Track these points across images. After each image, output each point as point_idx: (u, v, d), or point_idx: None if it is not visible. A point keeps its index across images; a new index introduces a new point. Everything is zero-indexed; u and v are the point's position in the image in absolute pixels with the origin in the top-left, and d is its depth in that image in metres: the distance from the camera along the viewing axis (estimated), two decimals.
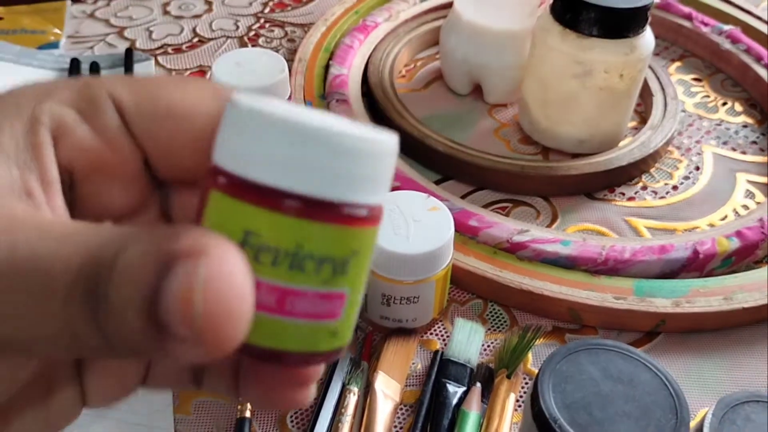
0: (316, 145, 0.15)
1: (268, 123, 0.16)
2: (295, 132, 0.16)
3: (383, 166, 0.17)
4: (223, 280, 0.14)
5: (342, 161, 0.16)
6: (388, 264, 0.38)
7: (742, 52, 0.62)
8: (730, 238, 0.45)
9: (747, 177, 0.54)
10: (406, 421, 0.38)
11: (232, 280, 0.14)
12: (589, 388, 0.30)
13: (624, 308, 0.42)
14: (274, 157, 0.16)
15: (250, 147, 0.16)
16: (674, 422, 0.28)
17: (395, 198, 0.40)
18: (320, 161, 0.16)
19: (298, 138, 0.16)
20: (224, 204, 0.16)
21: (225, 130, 0.17)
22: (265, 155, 0.16)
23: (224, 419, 0.38)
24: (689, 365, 0.41)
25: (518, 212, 0.50)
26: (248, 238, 0.16)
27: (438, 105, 0.59)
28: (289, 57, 0.63)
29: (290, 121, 0.16)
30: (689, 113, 0.60)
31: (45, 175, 0.18)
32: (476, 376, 0.39)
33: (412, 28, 0.64)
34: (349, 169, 0.16)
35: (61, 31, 0.66)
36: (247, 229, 0.16)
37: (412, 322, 0.41)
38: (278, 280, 0.16)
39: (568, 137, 0.53)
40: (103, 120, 0.19)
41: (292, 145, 0.15)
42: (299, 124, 0.15)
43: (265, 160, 0.16)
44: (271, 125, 0.16)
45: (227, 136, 0.17)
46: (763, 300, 0.42)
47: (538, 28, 0.51)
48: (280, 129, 0.16)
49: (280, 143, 0.16)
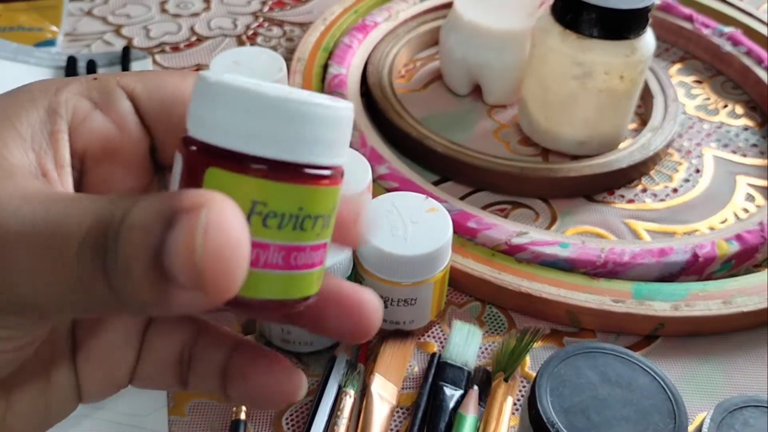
0: (305, 117, 0.17)
1: (250, 97, 0.17)
2: (286, 107, 0.17)
3: (347, 131, 0.19)
4: (221, 228, 0.15)
5: (330, 130, 0.18)
6: (386, 266, 0.38)
7: (743, 54, 0.62)
8: (729, 242, 0.45)
9: (747, 180, 0.54)
10: (402, 424, 0.38)
11: (230, 228, 0.15)
12: (587, 391, 0.29)
13: (623, 311, 0.41)
14: (275, 133, 0.17)
15: (247, 123, 0.17)
16: (672, 426, 0.28)
17: (393, 199, 0.40)
18: (314, 132, 0.18)
19: (293, 113, 0.17)
20: (228, 179, 0.17)
21: (211, 103, 0.18)
22: (270, 132, 0.17)
23: (219, 421, 0.37)
24: (688, 369, 0.41)
25: (517, 214, 0.50)
26: (256, 207, 0.17)
27: (437, 105, 0.59)
28: (288, 56, 0.63)
29: (278, 97, 0.17)
30: (690, 115, 0.60)
31: (59, 158, 0.20)
32: (473, 379, 0.39)
33: (411, 27, 0.64)
34: (334, 137, 0.18)
35: (58, 28, 0.66)
36: (255, 199, 0.17)
37: (409, 324, 0.41)
38: (285, 240, 0.18)
39: (567, 139, 0.53)
40: (116, 107, 0.21)
41: (288, 121, 0.17)
42: (286, 100, 0.17)
43: (265, 136, 0.17)
44: (256, 99, 0.17)
45: (213, 110, 0.18)
46: (762, 304, 0.42)
47: (539, 29, 0.51)
48: (270, 103, 0.17)
49: (276, 119, 0.17)
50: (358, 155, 0.42)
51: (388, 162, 0.49)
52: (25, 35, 0.64)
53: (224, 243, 0.15)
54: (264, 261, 0.18)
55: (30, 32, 0.65)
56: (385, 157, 0.50)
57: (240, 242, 0.16)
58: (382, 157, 0.50)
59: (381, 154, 0.50)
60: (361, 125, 0.52)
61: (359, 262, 0.39)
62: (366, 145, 0.50)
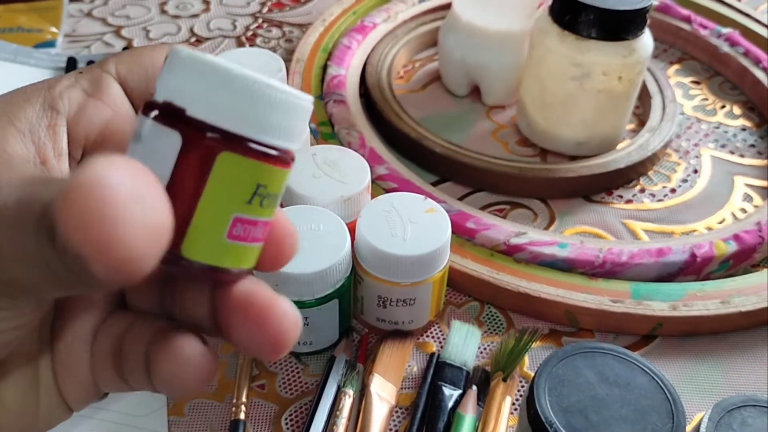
0: (272, 99, 0.18)
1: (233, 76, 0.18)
2: (252, 85, 0.18)
3: (305, 120, 0.20)
4: (95, 192, 0.14)
5: (290, 116, 0.19)
6: (385, 266, 0.38)
7: (740, 55, 0.62)
8: (727, 242, 0.45)
9: (745, 180, 0.54)
10: (401, 424, 0.38)
11: (100, 190, 0.14)
12: (585, 391, 0.29)
13: (621, 311, 0.41)
14: (239, 108, 0.18)
15: (214, 95, 0.18)
16: (670, 426, 0.28)
17: (392, 199, 0.40)
18: (276, 113, 0.19)
19: (258, 93, 0.18)
20: (236, 164, 0.18)
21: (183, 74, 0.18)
22: (235, 107, 0.18)
23: (218, 421, 0.37)
24: (686, 369, 0.41)
25: (516, 214, 0.50)
26: (259, 190, 0.19)
27: (436, 106, 0.59)
28: (287, 57, 0.63)
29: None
30: (688, 116, 0.60)
31: (57, 148, 0.22)
32: (472, 379, 0.39)
33: (410, 29, 0.64)
34: (294, 123, 0.19)
35: (58, 29, 0.66)
36: (259, 182, 0.19)
37: (408, 325, 0.41)
38: (269, 217, 0.20)
39: (566, 139, 0.53)
40: (108, 92, 0.23)
41: (254, 100, 0.18)
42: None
43: (269, 125, 0.18)
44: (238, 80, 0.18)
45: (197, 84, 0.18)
46: (760, 304, 0.42)
47: (537, 30, 0.51)
48: (238, 79, 0.18)
49: (243, 96, 0.18)
50: (358, 156, 0.42)
51: (387, 162, 0.49)
52: (25, 36, 0.65)
53: (98, 206, 0.14)
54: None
55: (30, 33, 0.65)
56: (384, 157, 0.50)
57: (117, 203, 0.14)
58: (381, 158, 0.50)
59: (380, 154, 0.50)
60: (360, 126, 0.53)
61: (358, 262, 0.39)
62: (365, 146, 0.51)
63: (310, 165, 0.41)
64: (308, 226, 0.38)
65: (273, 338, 0.19)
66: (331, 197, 0.40)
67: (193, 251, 0.18)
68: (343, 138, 0.52)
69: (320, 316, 0.38)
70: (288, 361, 0.41)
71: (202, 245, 0.18)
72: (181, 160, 0.18)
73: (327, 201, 0.39)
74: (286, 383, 0.39)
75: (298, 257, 0.37)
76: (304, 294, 0.37)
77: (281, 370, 0.40)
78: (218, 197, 0.18)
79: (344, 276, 0.38)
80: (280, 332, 0.19)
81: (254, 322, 0.19)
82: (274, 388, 0.39)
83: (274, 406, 0.38)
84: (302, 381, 0.40)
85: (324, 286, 0.37)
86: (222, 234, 0.19)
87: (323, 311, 0.38)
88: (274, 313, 0.19)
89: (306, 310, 0.37)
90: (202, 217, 0.18)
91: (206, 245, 0.18)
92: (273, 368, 0.40)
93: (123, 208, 0.14)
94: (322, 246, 0.37)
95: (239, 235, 0.19)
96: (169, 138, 0.18)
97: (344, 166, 0.41)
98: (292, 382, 0.40)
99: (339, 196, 0.40)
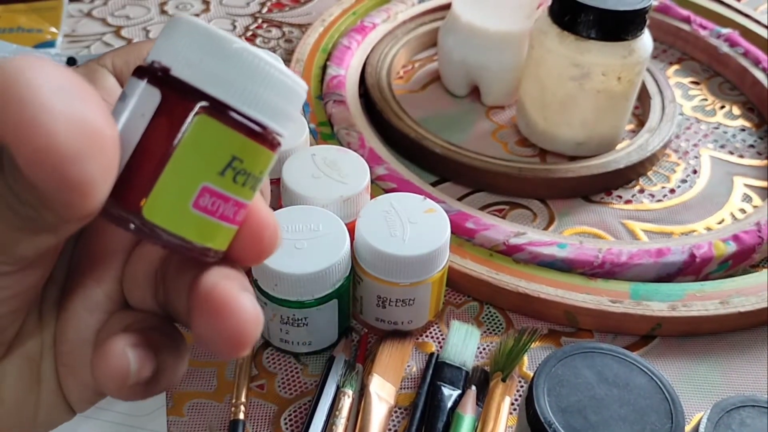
0: (268, 77, 0.18)
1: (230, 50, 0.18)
2: (252, 60, 0.18)
3: (297, 107, 0.20)
4: (15, 76, 0.15)
5: (284, 99, 0.19)
6: (384, 266, 0.38)
7: (740, 55, 0.62)
8: (726, 242, 0.45)
9: (744, 181, 0.54)
10: (400, 424, 0.38)
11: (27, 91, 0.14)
12: (584, 391, 0.29)
13: (620, 312, 0.42)
14: (234, 79, 0.18)
15: (210, 63, 0.18)
16: (669, 426, 0.28)
17: (391, 199, 0.40)
18: (270, 93, 0.18)
19: (256, 70, 0.18)
20: (213, 130, 0.18)
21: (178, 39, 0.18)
22: (229, 77, 0.18)
23: (217, 421, 0.37)
24: (685, 369, 0.41)
25: (515, 215, 0.50)
26: (234, 162, 0.18)
27: (435, 106, 0.59)
28: (287, 57, 0.63)
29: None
30: (687, 116, 0.60)
31: None
32: (471, 379, 0.39)
33: (410, 29, 0.64)
34: (286, 107, 0.19)
35: (57, 29, 0.66)
36: (235, 155, 0.18)
37: (407, 325, 0.41)
38: (244, 198, 0.19)
39: (565, 139, 0.53)
40: (103, 85, 0.22)
41: (250, 76, 0.18)
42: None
43: (260, 100, 0.18)
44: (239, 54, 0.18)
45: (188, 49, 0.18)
46: (759, 304, 0.42)
47: (536, 30, 0.51)
48: (236, 52, 0.18)
49: (239, 69, 0.18)
50: (357, 156, 0.43)
51: (386, 163, 0.49)
52: (25, 36, 0.65)
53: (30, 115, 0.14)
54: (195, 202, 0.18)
55: (29, 33, 0.65)
56: (383, 157, 0.50)
57: (42, 104, 0.14)
58: (380, 158, 0.50)
59: (379, 154, 0.50)
60: (359, 126, 0.53)
61: (357, 262, 0.39)
62: (364, 146, 0.51)
63: (309, 165, 0.41)
64: (307, 226, 0.38)
65: (229, 335, 0.18)
66: (331, 197, 0.40)
67: (154, 213, 0.18)
68: (343, 138, 0.52)
69: (319, 316, 0.38)
70: (287, 361, 0.41)
71: (164, 209, 0.18)
72: (155, 118, 0.18)
73: (326, 201, 0.39)
74: (285, 383, 0.40)
75: (297, 257, 0.37)
76: (303, 294, 0.37)
77: (280, 370, 0.40)
78: (188, 161, 0.18)
79: (343, 276, 0.38)
80: (237, 330, 0.18)
81: (212, 316, 0.18)
82: (273, 388, 0.39)
83: (273, 406, 0.38)
84: (301, 381, 0.40)
85: (323, 286, 0.37)
86: (187, 201, 0.18)
87: (322, 311, 0.38)
88: (232, 308, 0.18)
89: (305, 310, 0.37)
90: (168, 179, 0.18)
91: (169, 210, 0.18)
92: (272, 368, 0.40)
93: (46, 94, 0.14)
94: (322, 246, 0.37)
95: (206, 206, 0.18)
96: (149, 95, 0.18)
97: (344, 167, 0.42)
98: (292, 382, 0.40)
99: (338, 197, 0.40)
